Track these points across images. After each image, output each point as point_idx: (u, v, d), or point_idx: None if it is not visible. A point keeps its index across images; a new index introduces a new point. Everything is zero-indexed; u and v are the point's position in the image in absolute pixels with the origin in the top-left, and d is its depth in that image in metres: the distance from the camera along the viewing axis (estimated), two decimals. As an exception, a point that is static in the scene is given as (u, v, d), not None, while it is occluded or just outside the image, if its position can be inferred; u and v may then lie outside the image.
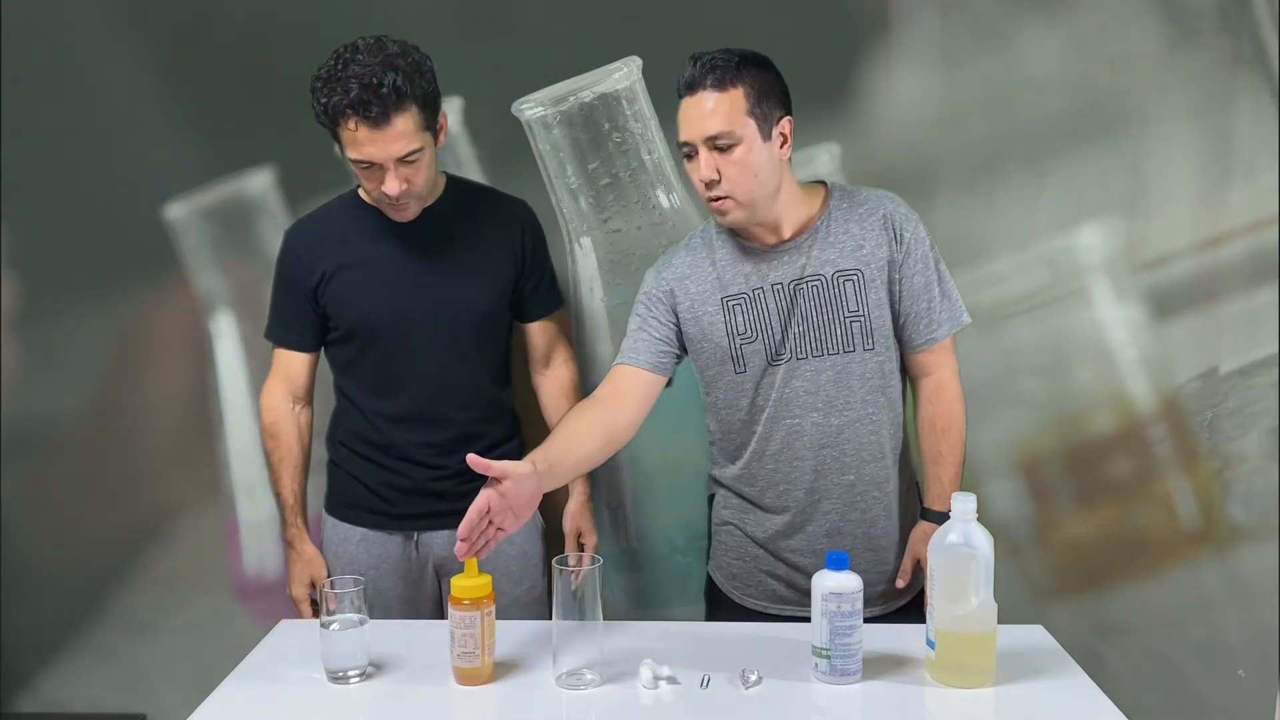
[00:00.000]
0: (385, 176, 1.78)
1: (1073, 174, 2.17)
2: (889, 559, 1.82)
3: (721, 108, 1.66)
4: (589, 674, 1.48)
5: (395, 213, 1.87)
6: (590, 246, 2.23)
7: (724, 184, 1.67)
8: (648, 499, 2.29)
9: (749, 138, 1.67)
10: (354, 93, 1.72)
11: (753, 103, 1.67)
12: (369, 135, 1.74)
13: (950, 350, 1.83)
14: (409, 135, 1.76)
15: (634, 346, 1.81)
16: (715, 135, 1.66)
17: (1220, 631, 2.24)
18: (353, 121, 1.74)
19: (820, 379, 1.76)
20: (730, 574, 1.89)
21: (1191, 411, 2.21)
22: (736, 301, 1.78)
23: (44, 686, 2.41)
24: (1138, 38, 2.13)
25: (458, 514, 1.87)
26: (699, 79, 1.67)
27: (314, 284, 1.92)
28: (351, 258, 1.92)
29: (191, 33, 2.23)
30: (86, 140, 2.26)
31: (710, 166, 1.67)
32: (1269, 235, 2.15)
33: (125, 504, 2.35)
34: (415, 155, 1.78)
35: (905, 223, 1.78)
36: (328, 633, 1.50)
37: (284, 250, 1.97)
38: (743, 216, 1.72)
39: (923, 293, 1.78)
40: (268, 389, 2.00)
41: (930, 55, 2.13)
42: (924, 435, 1.85)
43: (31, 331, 2.32)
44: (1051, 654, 1.60)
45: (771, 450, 1.80)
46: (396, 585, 1.97)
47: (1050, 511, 2.25)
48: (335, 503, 2.03)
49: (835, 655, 1.46)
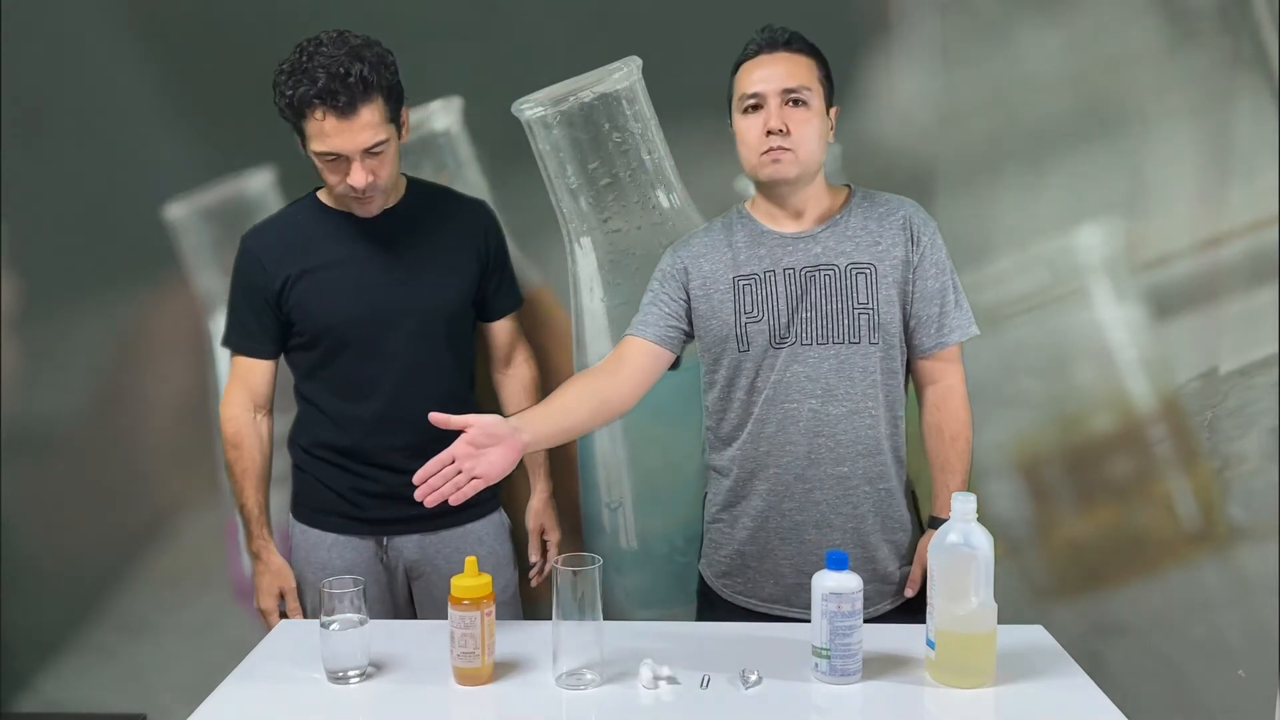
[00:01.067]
0: (351, 168, 1.77)
1: (1073, 174, 2.17)
2: (877, 558, 1.81)
3: (799, 68, 1.76)
4: (589, 674, 1.48)
5: (360, 207, 1.86)
6: (590, 246, 2.23)
7: (790, 137, 1.73)
8: (648, 499, 2.29)
9: (816, 104, 1.76)
10: (321, 82, 1.72)
11: (822, 75, 1.79)
12: (336, 125, 1.74)
13: (958, 359, 1.85)
14: (375, 126, 1.76)
15: (643, 319, 1.85)
16: (794, 88, 1.74)
17: (1220, 631, 2.24)
18: (320, 111, 1.74)
19: (822, 367, 1.77)
20: (720, 571, 1.90)
21: (1191, 411, 2.21)
22: (747, 281, 1.80)
23: (44, 686, 2.41)
24: (1138, 38, 2.13)
25: (427, 518, 1.89)
26: (779, 41, 1.77)
27: (277, 290, 1.90)
28: (315, 262, 1.90)
29: (191, 33, 2.23)
30: (86, 140, 2.26)
31: (780, 118, 1.73)
32: (1269, 235, 2.15)
33: (125, 504, 2.35)
34: (381, 147, 1.78)
35: (924, 227, 1.81)
36: (328, 633, 1.50)
37: (242, 256, 1.95)
38: (794, 172, 1.75)
39: (935, 297, 1.80)
40: (228, 398, 1.98)
41: (930, 55, 2.13)
42: (931, 443, 1.85)
43: (31, 331, 2.32)
44: (1051, 654, 1.60)
45: (767, 433, 1.80)
46: (370, 589, 1.93)
47: (1050, 511, 2.25)
48: (303, 508, 2.01)
49: (835, 655, 1.47)
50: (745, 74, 1.78)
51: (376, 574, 1.97)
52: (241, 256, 1.95)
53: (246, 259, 1.94)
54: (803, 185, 1.79)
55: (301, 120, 1.77)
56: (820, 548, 1.79)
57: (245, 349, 1.97)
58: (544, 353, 2.22)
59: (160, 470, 2.35)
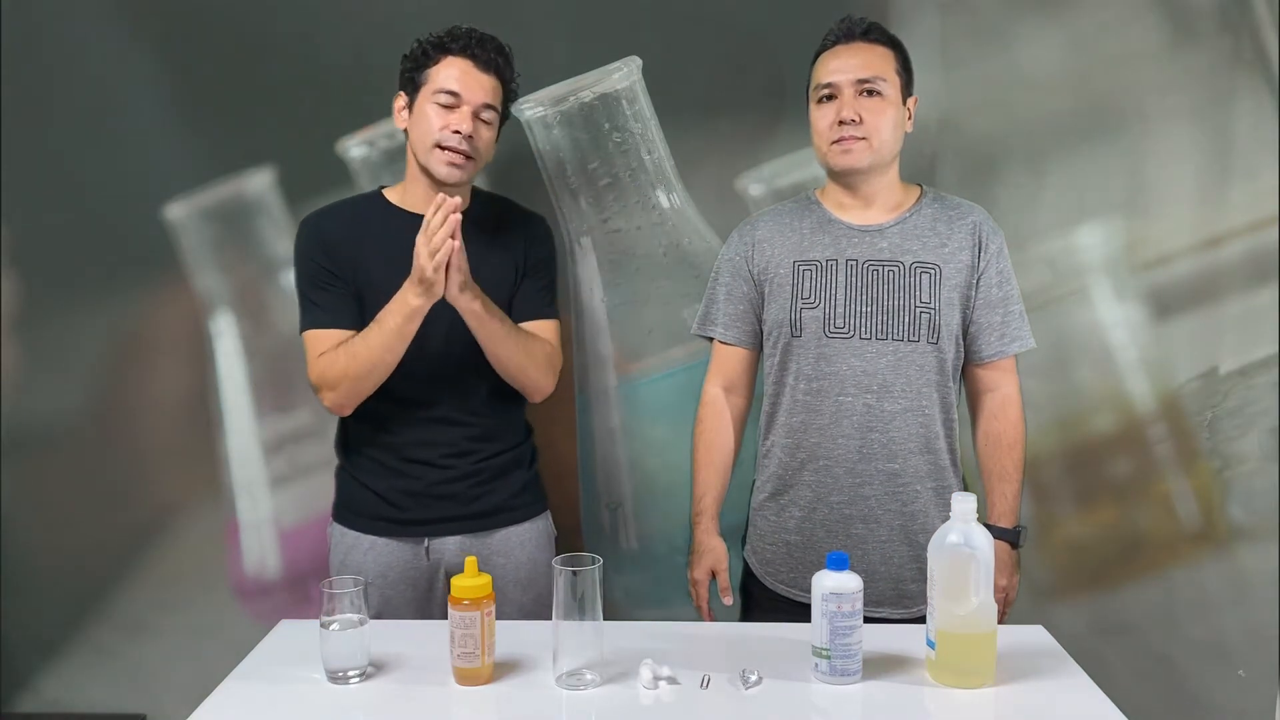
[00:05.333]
0: (462, 114, 1.81)
1: (1073, 174, 2.17)
2: (924, 557, 1.81)
3: (876, 59, 1.78)
4: (589, 674, 1.48)
5: (448, 168, 1.83)
6: (590, 246, 2.23)
7: (864, 126, 1.75)
8: (648, 499, 2.29)
9: (892, 94, 1.78)
10: (471, 36, 1.84)
11: (899, 65, 1.80)
12: (469, 70, 1.83)
13: (1015, 369, 1.87)
14: (495, 93, 1.85)
15: (726, 318, 1.91)
16: (869, 78, 1.76)
17: (1220, 631, 2.24)
18: (459, 56, 1.83)
19: (879, 362, 1.78)
20: (764, 559, 1.90)
21: (1191, 411, 2.21)
22: (808, 267, 1.82)
23: (44, 686, 2.41)
24: (1138, 38, 2.14)
25: (469, 518, 1.90)
26: (857, 32, 1.79)
27: (340, 263, 1.87)
28: (371, 257, 1.87)
29: (192, 33, 2.23)
30: (86, 140, 2.26)
31: (853, 107, 1.75)
32: (1269, 235, 2.16)
33: (125, 504, 2.35)
34: (491, 114, 1.85)
35: (992, 235, 1.83)
36: (328, 633, 1.50)
37: (302, 237, 1.91)
38: (866, 161, 1.77)
39: (999, 305, 1.81)
40: (318, 366, 1.86)
41: (930, 55, 2.12)
42: (988, 450, 1.87)
43: (31, 331, 2.32)
44: (1051, 654, 1.60)
45: (819, 424, 1.81)
46: (405, 593, 1.92)
47: (1050, 511, 2.25)
48: (344, 511, 1.98)
49: (835, 655, 1.46)
50: (822, 64, 1.81)
51: (414, 577, 1.93)
52: (301, 237, 1.91)
53: (308, 239, 1.90)
54: (876, 175, 1.80)
55: (432, 64, 1.83)
56: (867, 543, 1.80)
57: (322, 321, 1.88)
58: (544, 352, 2.22)
59: (160, 470, 2.35)
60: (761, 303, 1.87)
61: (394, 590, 1.92)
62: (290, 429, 2.27)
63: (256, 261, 2.27)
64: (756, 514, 1.92)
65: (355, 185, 2.20)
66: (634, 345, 2.25)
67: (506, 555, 1.93)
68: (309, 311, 1.89)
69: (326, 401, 1.87)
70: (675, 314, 2.22)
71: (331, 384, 1.84)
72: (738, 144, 2.20)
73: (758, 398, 1.94)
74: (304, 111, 2.21)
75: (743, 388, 1.94)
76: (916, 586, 1.78)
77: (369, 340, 1.80)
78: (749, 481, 1.96)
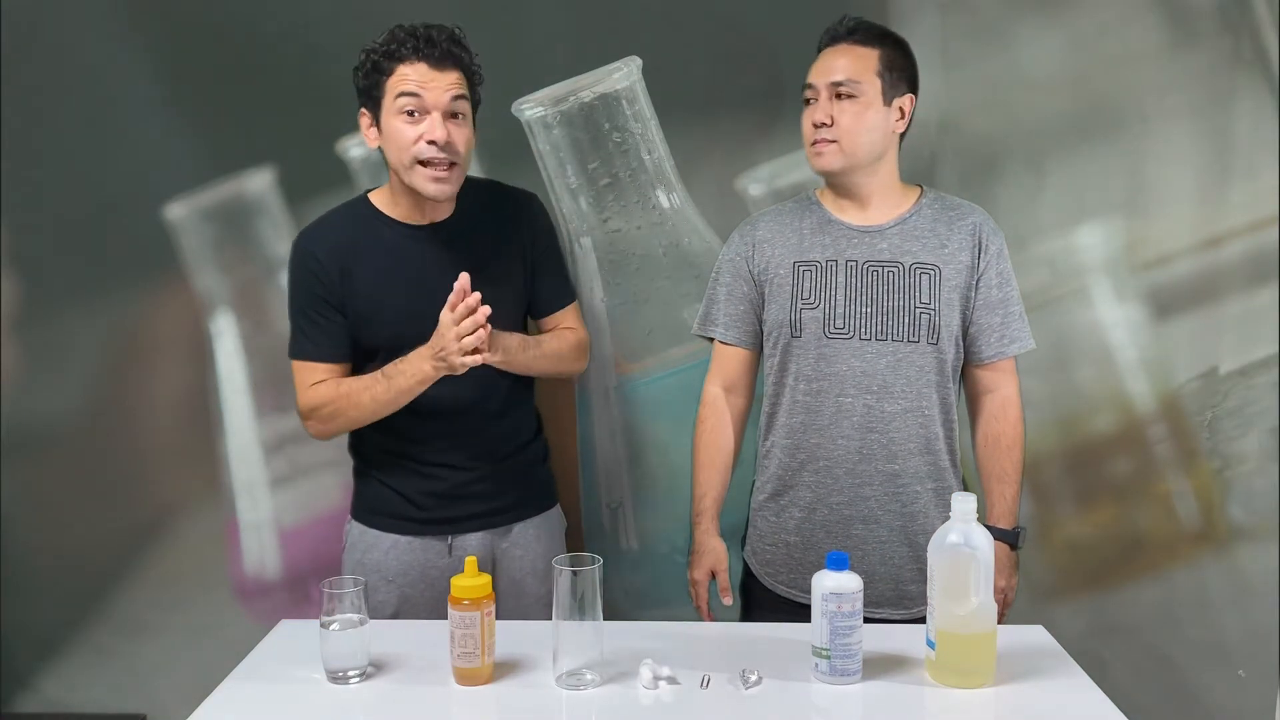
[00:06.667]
0: (432, 121, 1.75)
1: (1073, 174, 2.17)
2: (924, 558, 1.81)
3: (852, 61, 1.78)
4: (589, 674, 1.48)
5: (433, 182, 1.78)
6: (590, 246, 2.23)
7: (834, 129, 1.75)
8: (648, 499, 2.29)
9: (870, 95, 1.77)
10: (418, 35, 1.75)
11: (882, 67, 1.78)
12: (426, 74, 1.75)
13: (1014, 370, 1.87)
14: (460, 84, 1.78)
15: (727, 319, 1.90)
16: (840, 81, 1.76)
17: (1220, 631, 2.24)
18: (412, 60, 1.75)
19: (879, 363, 1.78)
20: (764, 560, 1.90)
21: (1191, 411, 2.21)
22: (808, 268, 1.82)
23: (44, 686, 2.41)
24: (1138, 38, 2.13)
25: (490, 514, 1.92)
26: (841, 34, 1.80)
27: (338, 286, 1.85)
28: (367, 271, 1.85)
29: (192, 33, 2.23)
30: (86, 140, 2.25)
31: (826, 111, 1.76)
32: (1269, 235, 2.15)
33: (125, 504, 2.35)
34: (461, 105, 1.78)
35: (992, 236, 1.83)
36: (328, 633, 1.50)
37: (297, 257, 1.88)
38: (838, 165, 1.78)
39: (999, 306, 1.82)
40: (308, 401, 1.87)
41: (930, 55, 2.12)
42: (987, 452, 1.87)
43: (31, 331, 2.32)
44: (1051, 654, 1.60)
45: (819, 424, 1.81)
46: (424, 592, 1.92)
47: (1050, 511, 2.25)
48: (363, 510, 1.97)
49: (835, 655, 1.46)
50: (814, 65, 1.82)
51: (435, 576, 1.92)
52: (294, 262, 1.89)
53: (300, 266, 1.87)
54: (861, 176, 1.80)
55: (387, 76, 1.76)
56: (867, 544, 1.80)
57: (311, 354, 1.88)
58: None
59: (160, 470, 2.35)
60: (762, 303, 1.87)
61: (414, 589, 1.92)
62: (290, 429, 2.27)
63: (256, 261, 2.27)
64: (756, 514, 1.92)
65: (355, 185, 2.20)
66: (634, 345, 2.25)
67: (525, 548, 1.95)
68: (299, 341, 1.90)
69: (312, 430, 1.91)
70: (675, 314, 2.22)
71: (324, 419, 1.87)
72: (738, 144, 2.20)
73: (758, 398, 1.94)
74: (304, 111, 2.21)
75: (743, 388, 1.94)
76: (916, 587, 1.78)
77: (375, 393, 1.82)
78: (749, 482, 1.96)
